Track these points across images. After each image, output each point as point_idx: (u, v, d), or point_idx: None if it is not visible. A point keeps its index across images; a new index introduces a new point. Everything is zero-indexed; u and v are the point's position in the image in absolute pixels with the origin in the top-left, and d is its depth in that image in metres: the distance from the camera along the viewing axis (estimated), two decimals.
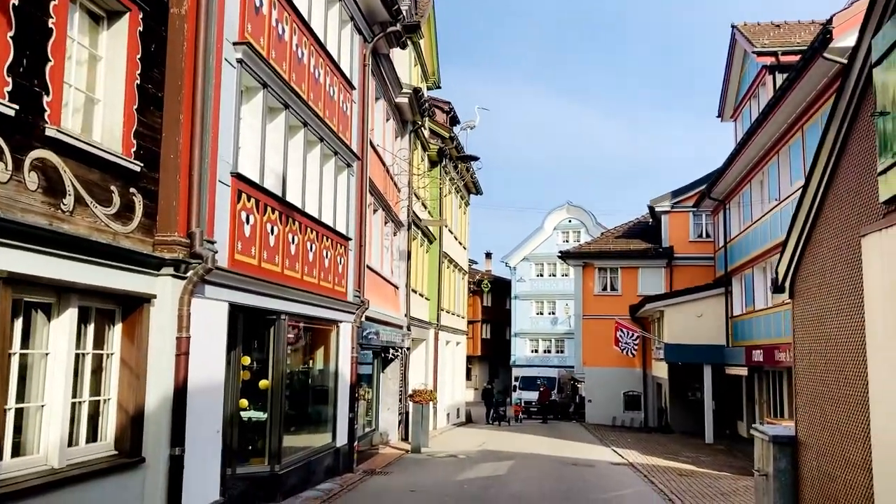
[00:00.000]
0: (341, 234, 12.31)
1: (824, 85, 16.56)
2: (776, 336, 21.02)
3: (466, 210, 33.54)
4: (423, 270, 24.19)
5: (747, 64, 25.61)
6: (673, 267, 33.44)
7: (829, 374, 6.66)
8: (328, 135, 11.58)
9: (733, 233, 27.19)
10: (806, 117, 18.24)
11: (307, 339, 11.66)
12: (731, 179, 26.25)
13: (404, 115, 19.53)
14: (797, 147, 19.19)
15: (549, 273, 53.87)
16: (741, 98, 26.46)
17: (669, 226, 33.68)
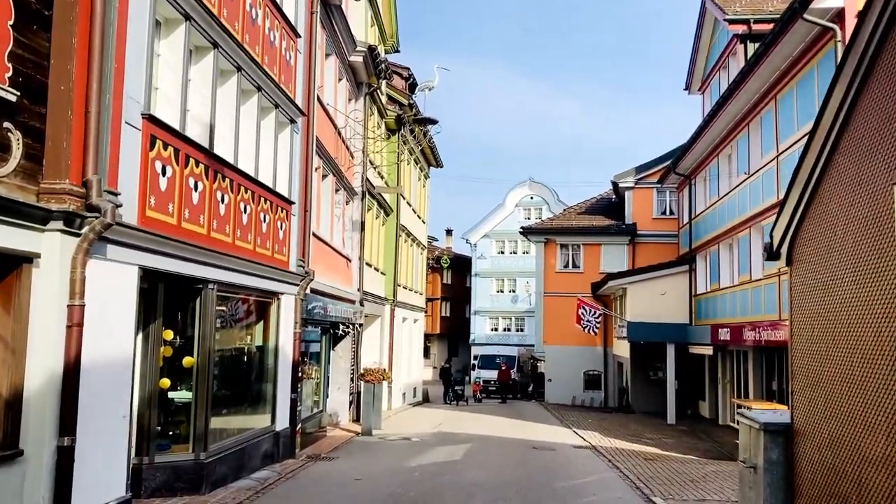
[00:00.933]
0: (282, 197, 11.09)
1: (801, 50, 15.70)
2: (743, 314, 20.35)
3: (426, 183, 32.35)
4: (379, 244, 23.02)
5: (717, 33, 24.76)
6: (636, 244, 32.75)
7: (838, 351, 5.74)
8: (267, 84, 10.32)
9: (699, 209, 26.48)
10: (780, 86, 17.41)
11: (242, 311, 10.45)
12: (697, 154, 25.49)
13: (359, 76, 18.25)
14: (769, 118, 18.39)
15: (511, 250, 53.04)
16: (710, 69, 25.64)
17: (633, 202, 32.95)
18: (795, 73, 16.36)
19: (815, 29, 14.71)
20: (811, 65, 15.48)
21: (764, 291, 18.76)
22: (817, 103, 15.19)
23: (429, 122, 15.19)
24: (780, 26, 15.15)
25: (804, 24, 14.63)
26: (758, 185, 19.38)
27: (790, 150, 16.85)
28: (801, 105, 16.19)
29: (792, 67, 16.42)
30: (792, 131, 16.72)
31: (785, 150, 17.21)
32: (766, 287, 18.65)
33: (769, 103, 18.38)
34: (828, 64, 14.62)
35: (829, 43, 14.48)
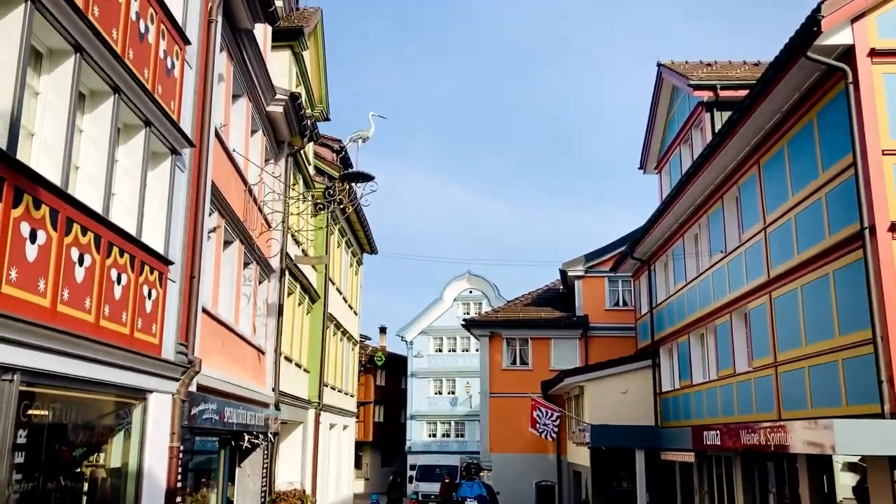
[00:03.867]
0: (152, 252, 7.84)
1: (795, 101, 13.54)
2: (727, 414, 17.50)
3: (358, 270, 29.24)
4: (302, 335, 19.62)
5: (676, 106, 22.97)
6: (588, 338, 30.06)
7: None
8: (132, 88, 7.26)
9: (660, 297, 24.01)
10: (765, 148, 15.22)
11: (77, 418, 6.98)
12: (657, 236, 23.23)
13: (279, 132, 15.37)
14: (751, 187, 16.13)
15: (449, 348, 49.80)
16: (669, 145, 23.73)
17: (584, 292, 30.46)
18: (787, 130, 14.17)
19: (814, 73, 12.60)
20: (809, 117, 13.30)
21: (754, 386, 16.02)
22: (820, 160, 12.91)
23: (362, 177, 12.28)
24: (774, 72, 12.98)
25: (800, 69, 12.53)
26: (738, 263, 16.95)
27: (781, 220, 14.49)
28: (796, 166, 13.93)
29: (783, 123, 14.24)
30: (783, 198, 14.40)
31: (774, 220, 14.87)
32: (756, 381, 15.93)
33: (750, 169, 16.16)
34: (833, 112, 12.43)
35: (834, 87, 12.32)
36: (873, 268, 11.07)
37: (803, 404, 13.59)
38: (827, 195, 12.70)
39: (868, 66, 11.59)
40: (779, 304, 14.75)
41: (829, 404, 12.65)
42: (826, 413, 12.64)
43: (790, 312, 14.16)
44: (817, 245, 12.94)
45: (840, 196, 12.26)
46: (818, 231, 12.95)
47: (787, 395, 14.34)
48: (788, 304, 14.26)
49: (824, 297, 12.77)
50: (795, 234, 13.92)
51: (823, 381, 12.87)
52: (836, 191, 12.40)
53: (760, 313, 15.64)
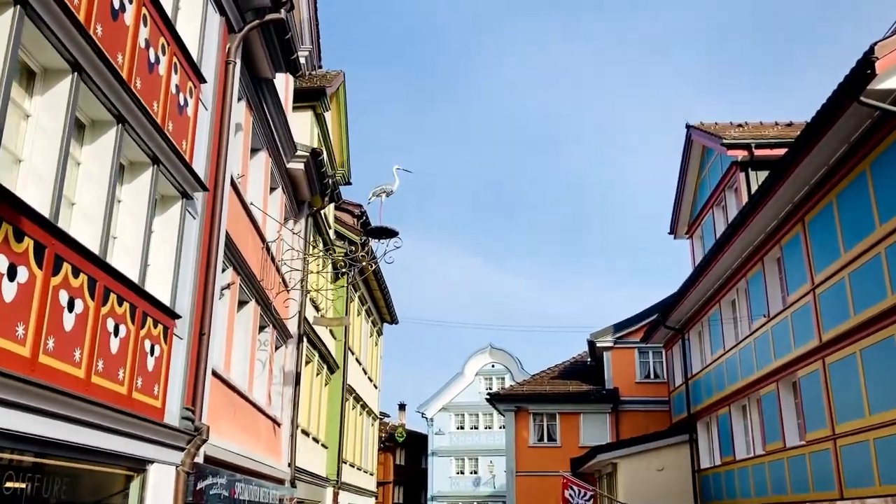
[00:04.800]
0: (157, 303, 7.04)
1: (844, 152, 12.76)
2: (779, 492, 16.15)
3: (378, 341, 28.29)
4: (320, 407, 18.60)
5: (707, 168, 22.29)
6: (619, 412, 28.67)
7: None
8: (139, 121, 6.61)
9: (696, 367, 22.83)
10: (811, 204, 14.36)
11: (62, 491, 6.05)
12: (691, 303, 22.20)
13: (299, 190, 14.77)
14: (796, 246, 15.21)
15: (472, 425, 48.21)
16: (700, 209, 22.94)
17: (612, 364, 29.24)
18: (836, 184, 13.34)
19: (866, 120, 11.84)
20: (861, 167, 12.48)
21: (810, 461, 14.73)
22: (876, 213, 12.02)
23: (386, 233, 11.54)
24: (821, 120, 12.22)
25: (851, 117, 11.78)
26: (784, 328, 15.89)
27: (833, 280, 13.52)
28: (847, 221, 13.04)
29: (831, 176, 13.41)
30: (835, 255, 13.46)
31: (824, 280, 13.89)
32: (811, 455, 14.65)
33: (794, 228, 15.28)
34: (890, 160, 11.61)
35: (890, 135, 11.54)
36: None
37: (870, 480, 12.32)
38: (886, 249, 11.76)
39: None
40: (834, 370, 13.63)
41: None
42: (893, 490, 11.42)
43: (849, 379, 13.03)
44: (878, 304, 11.92)
45: None
46: (878, 289, 11.95)
47: (850, 471, 13.07)
48: (846, 369, 13.15)
49: (890, 361, 11.68)
50: (851, 294, 12.92)
51: (893, 455, 11.66)
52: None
53: (813, 381, 14.49)
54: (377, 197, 12.41)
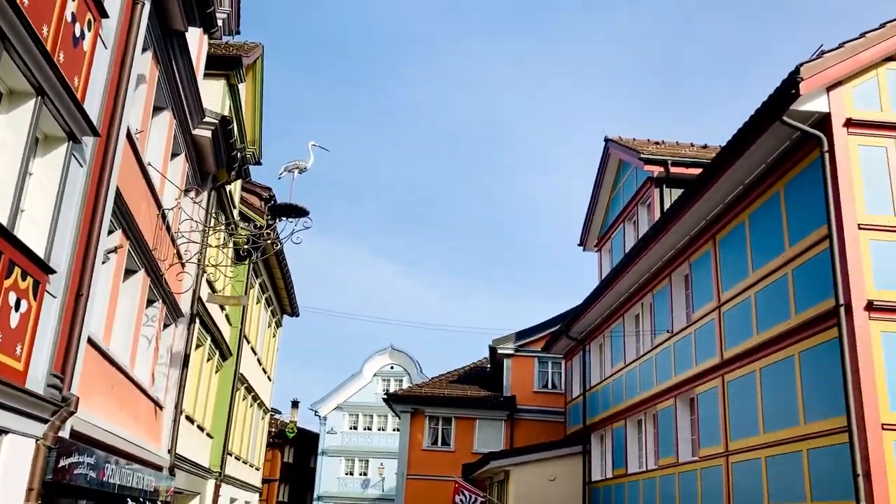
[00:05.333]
0: (28, 252, 6.20)
1: (760, 172, 12.89)
2: None
3: (277, 333, 27.27)
4: (208, 394, 17.59)
5: (622, 182, 22.47)
6: (515, 420, 28.58)
7: None
8: (27, 47, 5.79)
9: (594, 379, 22.93)
10: (722, 223, 14.50)
11: None
12: (595, 315, 22.30)
13: (204, 161, 13.85)
14: (705, 264, 15.35)
15: (365, 426, 47.43)
16: (612, 222, 23.11)
17: (512, 372, 29.16)
18: (750, 203, 13.48)
19: (785, 142, 11.99)
20: (775, 189, 12.63)
21: (700, 477, 14.85)
22: (787, 234, 12.17)
23: (296, 211, 10.87)
24: (743, 137, 12.30)
25: (771, 136, 11.89)
26: (686, 344, 16.03)
27: (739, 299, 13.66)
28: (758, 240, 13.20)
29: (746, 196, 13.55)
30: (743, 274, 13.60)
31: (730, 299, 14.03)
32: (703, 471, 14.78)
33: (704, 246, 15.43)
34: (803, 183, 11.77)
35: (806, 158, 11.70)
36: (849, 348, 10.18)
37: (758, 499, 12.44)
38: (794, 271, 11.92)
39: (844, 137, 11.02)
40: (732, 387, 13.77)
41: (789, 498, 11.54)
42: None
43: (746, 397, 13.17)
44: (781, 324, 12.07)
45: (809, 272, 11.47)
46: (782, 309, 12.10)
47: (740, 489, 13.19)
48: (744, 388, 13.28)
49: (787, 381, 11.82)
50: (755, 313, 13.06)
51: (783, 474, 11.78)
52: (804, 266, 11.63)
53: (710, 398, 14.62)
54: (289, 172, 11.71)
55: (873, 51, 11.17)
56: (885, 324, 10.22)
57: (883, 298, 10.27)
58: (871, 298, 10.26)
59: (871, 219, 10.66)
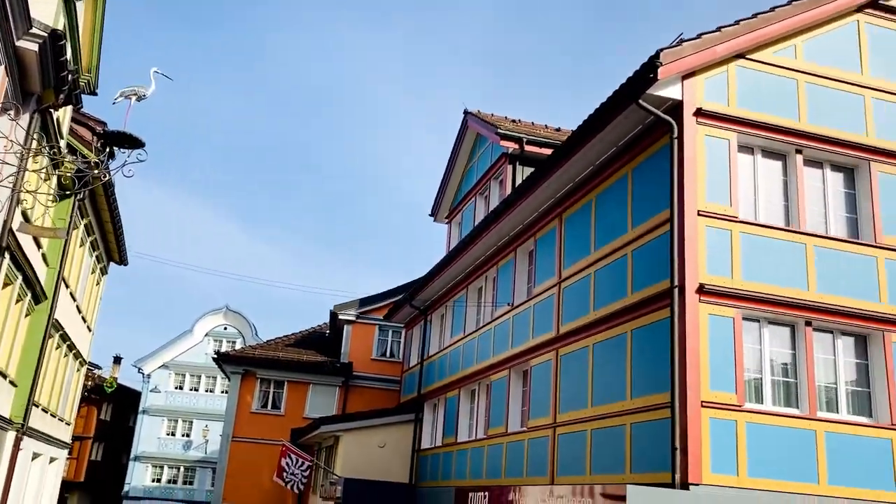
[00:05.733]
0: None
1: (612, 154, 13.19)
2: (493, 476, 16.53)
3: (101, 280, 25.36)
4: (15, 338, 15.99)
5: (477, 156, 22.57)
6: (350, 387, 28.31)
7: None
8: None
9: (433, 349, 23.03)
10: (572, 201, 14.79)
11: None
12: (440, 285, 22.33)
13: (29, 78, 12.37)
14: (550, 240, 15.64)
15: (192, 387, 45.57)
16: (464, 195, 23.18)
17: (352, 338, 28.84)
18: (599, 184, 13.80)
19: (638, 126, 12.30)
20: (624, 171, 12.97)
21: (527, 447, 15.18)
22: (630, 216, 12.54)
23: (130, 141, 9.90)
24: (600, 117, 12.50)
25: (626, 118, 12.16)
26: (525, 318, 16.31)
27: (580, 276, 14.00)
28: (603, 221, 13.54)
29: (596, 176, 13.85)
30: (585, 252, 13.94)
31: (571, 275, 14.36)
32: (530, 442, 15.11)
33: (551, 223, 15.70)
34: (651, 168, 12.13)
35: (655, 143, 12.06)
36: (679, 329, 10.60)
37: (581, 469, 12.84)
38: (633, 252, 12.30)
39: (693, 125, 11.42)
40: (565, 361, 14.12)
41: (609, 471, 11.96)
42: (603, 480, 11.93)
43: (577, 371, 13.53)
44: (618, 302, 12.44)
45: (648, 254, 11.86)
46: (620, 288, 12.48)
47: (564, 459, 13.57)
48: (576, 362, 13.64)
49: (618, 357, 12.21)
50: (594, 291, 13.42)
51: (607, 446, 12.19)
52: (644, 248, 12.01)
53: (544, 371, 14.94)
54: (126, 98, 10.64)
55: (727, 45, 11.62)
56: (713, 307, 10.70)
57: (713, 283, 10.75)
58: (702, 282, 10.71)
59: (709, 207, 11.11)
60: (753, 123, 11.67)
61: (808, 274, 11.30)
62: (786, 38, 12.21)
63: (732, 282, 10.90)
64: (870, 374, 11.38)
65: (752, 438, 10.40)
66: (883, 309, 11.38)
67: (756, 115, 11.73)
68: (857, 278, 11.50)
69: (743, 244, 11.14)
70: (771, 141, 11.82)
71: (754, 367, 10.93)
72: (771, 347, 11.12)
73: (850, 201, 12.14)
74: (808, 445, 10.61)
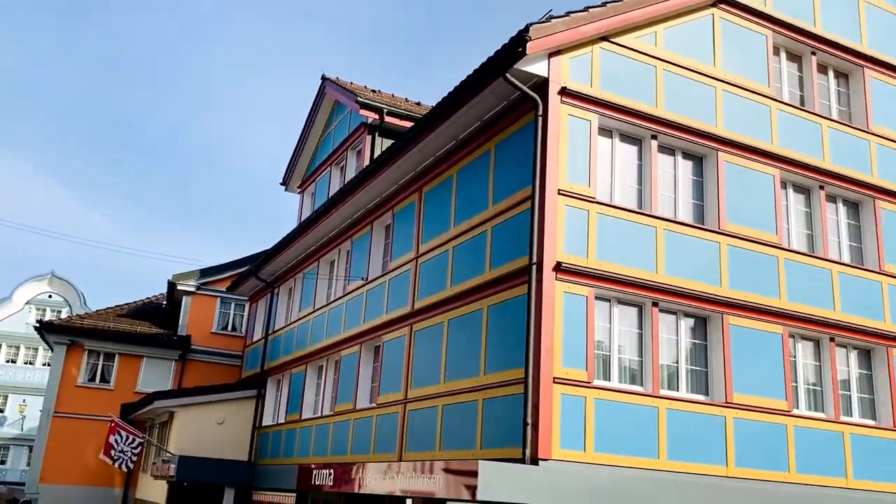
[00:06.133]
0: None
1: (475, 129, 13.03)
2: (340, 453, 16.12)
3: None
4: None
5: (335, 125, 21.86)
6: (188, 361, 26.88)
7: None
8: None
9: (279, 323, 22.23)
10: (432, 175, 14.53)
11: None
12: (290, 257, 21.50)
13: None
14: (408, 215, 15.34)
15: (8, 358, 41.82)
16: (319, 165, 22.43)
17: (191, 310, 27.37)
18: (461, 159, 13.61)
19: (503, 101, 12.19)
20: (487, 147, 12.85)
21: (376, 424, 14.89)
22: (492, 192, 12.46)
23: None
24: (464, 90, 12.28)
25: (491, 93, 12.00)
26: (380, 293, 15.96)
27: (438, 251, 13.81)
28: (463, 195, 13.39)
29: (458, 150, 13.65)
30: (444, 227, 13.76)
31: (429, 251, 14.14)
32: (379, 418, 14.82)
33: (410, 196, 15.40)
34: (514, 145, 12.06)
35: (519, 120, 11.99)
36: (535, 305, 10.58)
37: (431, 445, 12.70)
38: (493, 228, 12.21)
39: (557, 104, 11.41)
40: (419, 337, 13.90)
41: (460, 447, 11.87)
42: (454, 456, 11.84)
43: (431, 347, 13.35)
44: (475, 278, 12.33)
45: (508, 231, 11.80)
46: (478, 264, 12.37)
47: (414, 435, 13.37)
48: (431, 338, 13.45)
49: (473, 333, 12.11)
50: (451, 266, 13.25)
51: (458, 422, 12.09)
52: (504, 225, 11.94)
53: (396, 346, 14.66)
54: None
55: (594, 26, 11.68)
56: (568, 285, 10.78)
57: (570, 262, 10.82)
58: (559, 260, 10.75)
59: (569, 186, 11.16)
60: (614, 106, 11.83)
61: (658, 256, 11.64)
62: (648, 25, 12.46)
63: (587, 261, 11.02)
64: (708, 354, 11.91)
65: (600, 415, 10.59)
66: (723, 292, 11.92)
67: (617, 99, 11.90)
68: (701, 262, 11.98)
69: (599, 225, 11.29)
70: (629, 125, 12.04)
71: (604, 345, 11.15)
72: (620, 327, 11.37)
73: (697, 188, 12.62)
74: (651, 422, 10.94)
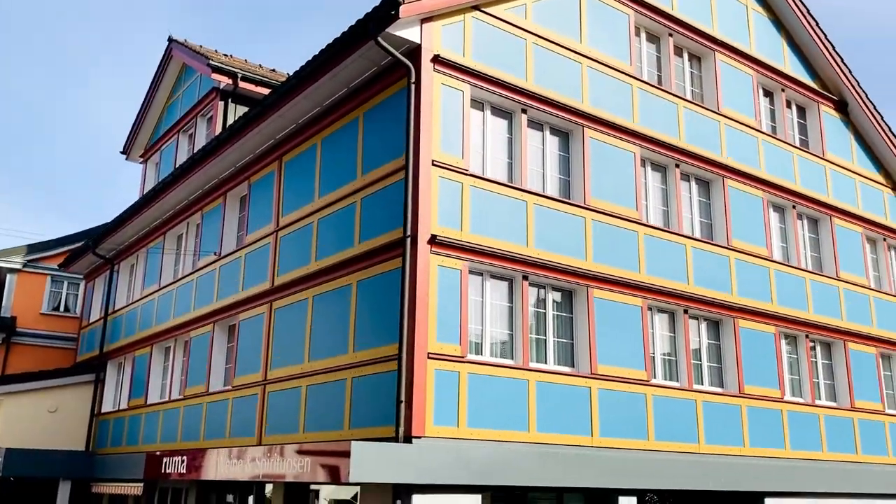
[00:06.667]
0: None
1: (342, 95, 12.43)
2: (192, 439, 15.14)
3: None
4: None
5: (182, 90, 20.40)
6: (12, 345, 24.44)
7: None
8: None
9: (120, 303, 20.63)
10: (293, 143, 13.78)
11: None
12: (132, 232, 19.95)
13: None
14: (267, 185, 14.52)
15: None
16: (164, 133, 20.87)
17: (17, 289, 24.90)
18: (325, 126, 12.97)
19: (372, 67, 11.68)
20: (355, 114, 12.30)
21: (232, 407, 14.05)
22: (360, 162, 11.97)
23: None
24: (331, 53, 11.64)
25: (361, 57, 11.46)
26: (235, 268, 15.06)
27: (300, 224, 13.15)
28: (329, 165, 12.79)
29: (322, 118, 12.99)
30: (308, 199, 13.10)
31: (291, 223, 13.43)
32: (234, 401, 14.01)
33: (269, 166, 14.58)
34: (384, 113, 11.61)
35: (390, 87, 11.54)
36: (409, 279, 10.24)
37: (294, 427, 12.11)
38: (363, 200, 11.73)
39: (430, 72, 11.06)
40: (280, 315, 13.21)
41: (326, 427, 11.38)
42: (319, 437, 11.35)
43: (294, 325, 12.71)
44: (343, 252, 11.81)
45: (379, 202, 11.36)
46: (346, 237, 11.85)
47: (275, 418, 12.72)
48: (293, 315, 12.81)
49: (341, 310, 11.61)
50: (316, 240, 12.64)
51: (324, 402, 11.58)
52: (374, 196, 11.50)
53: (254, 325, 13.88)
54: None
55: None
56: (442, 258, 10.51)
57: (444, 234, 10.55)
58: (434, 233, 10.45)
59: (443, 157, 10.86)
60: (486, 77, 11.62)
61: (528, 230, 11.61)
62: None
63: (461, 234, 10.80)
64: (573, 326, 12.05)
65: (473, 389, 10.44)
66: (587, 266, 12.08)
67: (489, 70, 11.70)
68: (568, 237, 12.08)
69: (472, 198, 11.09)
70: (500, 98, 11.88)
71: (476, 319, 10.99)
72: (492, 300, 11.26)
73: (564, 164, 12.70)
74: (521, 395, 10.93)
